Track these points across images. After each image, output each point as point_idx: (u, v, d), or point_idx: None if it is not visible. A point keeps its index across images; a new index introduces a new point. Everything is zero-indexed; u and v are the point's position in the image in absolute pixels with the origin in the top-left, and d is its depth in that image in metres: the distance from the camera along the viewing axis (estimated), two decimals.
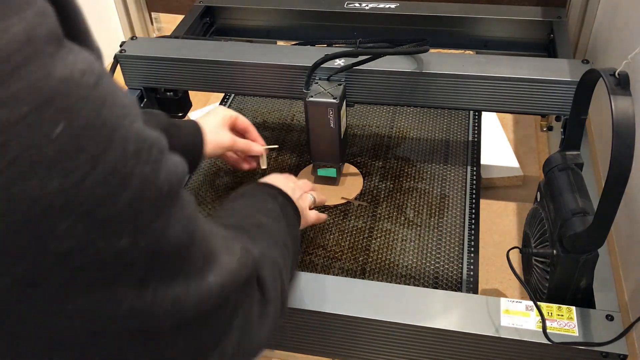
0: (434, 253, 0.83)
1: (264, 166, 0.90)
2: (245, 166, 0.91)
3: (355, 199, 0.93)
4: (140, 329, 0.34)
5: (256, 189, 0.69)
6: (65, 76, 0.28)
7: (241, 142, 0.87)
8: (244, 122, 0.88)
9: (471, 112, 1.09)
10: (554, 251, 0.67)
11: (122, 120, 0.31)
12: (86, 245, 0.29)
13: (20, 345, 0.31)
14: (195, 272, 0.37)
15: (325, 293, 0.69)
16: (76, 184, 0.28)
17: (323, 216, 0.83)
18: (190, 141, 0.82)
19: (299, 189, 0.78)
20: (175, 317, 0.36)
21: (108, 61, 1.05)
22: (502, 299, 0.66)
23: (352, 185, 0.96)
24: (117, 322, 0.33)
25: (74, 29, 0.31)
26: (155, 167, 0.32)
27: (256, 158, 0.90)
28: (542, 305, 0.65)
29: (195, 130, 0.82)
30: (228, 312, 0.42)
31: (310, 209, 0.80)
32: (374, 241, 0.86)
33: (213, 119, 0.85)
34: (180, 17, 1.20)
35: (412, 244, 0.85)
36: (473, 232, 0.86)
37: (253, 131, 0.90)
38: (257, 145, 0.89)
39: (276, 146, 0.96)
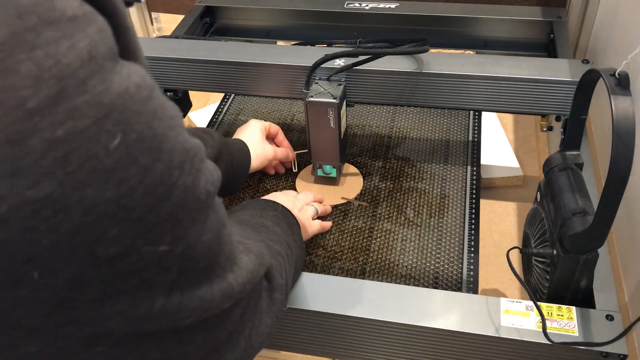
0: (434, 253, 0.83)
1: (295, 169, 0.98)
2: (273, 171, 0.98)
3: (355, 199, 0.93)
4: (168, 329, 0.36)
5: (257, 201, 0.72)
6: (123, 90, 0.29)
7: (281, 153, 0.94)
8: (275, 128, 0.95)
9: (471, 112, 1.09)
10: (554, 251, 0.67)
11: (170, 132, 0.32)
12: (131, 251, 0.31)
13: (59, 343, 0.32)
14: (220, 272, 0.39)
15: (325, 293, 0.69)
16: (128, 192, 0.29)
17: (327, 224, 0.86)
18: (240, 161, 0.86)
19: (299, 201, 0.81)
20: (199, 316, 0.37)
21: None
22: (502, 299, 0.66)
23: (352, 185, 0.96)
24: (149, 322, 0.34)
25: (126, 45, 0.33)
26: (196, 177, 0.34)
27: (286, 162, 0.99)
28: (542, 305, 0.65)
29: (243, 149, 0.87)
30: (243, 308, 0.44)
31: (313, 219, 0.82)
32: (374, 241, 0.86)
33: (254, 133, 0.91)
34: (180, 17, 1.20)
35: (412, 244, 0.85)
36: (473, 232, 0.86)
37: (281, 135, 0.96)
38: (291, 151, 0.97)
39: (305, 150, 0.98)
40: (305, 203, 0.84)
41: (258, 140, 0.90)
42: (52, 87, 0.26)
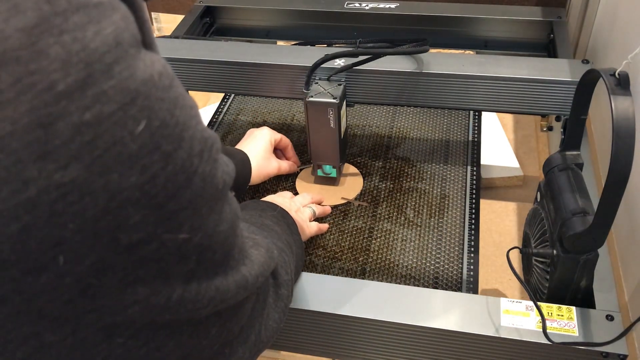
0: (434, 253, 0.83)
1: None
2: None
3: (355, 199, 0.93)
4: (185, 319, 0.36)
5: (255, 202, 0.72)
6: (147, 77, 0.30)
7: (284, 168, 0.92)
8: (285, 142, 0.94)
9: (471, 112, 1.09)
10: (554, 251, 0.67)
11: (190, 120, 0.32)
12: (152, 238, 0.31)
13: (80, 334, 0.32)
14: (234, 265, 0.39)
15: (325, 293, 0.69)
16: (151, 179, 0.29)
17: (324, 227, 0.86)
18: (239, 173, 0.83)
19: (295, 203, 0.81)
20: (215, 308, 0.37)
21: None
22: (502, 299, 0.66)
23: (352, 185, 0.96)
24: (168, 311, 0.34)
25: (145, 35, 0.33)
26: (214, 167, 0.34)
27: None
28: (542, 305, 0.65)
29: (244, 162, 0.85)
30: (253, 303, 0.45)
31: (310, 220, 0.82)
32: (374, 241, 0.86)
33: (261, 145, 0.88)
34: (180, 17, 1.20)
35: (412, 244, 0.85)
36: (473, 232, 0.86)
37: (291, 150, 0.95)
38: (294, 166, 0.96)
39: (310, 165, 0.96)
40: (303, 205, 0.84)
41: (262, 155, 0.88)
42: (80, 72, 0.27)
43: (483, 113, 1.11)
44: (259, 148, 0.88)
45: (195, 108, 0.34)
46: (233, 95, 1.19)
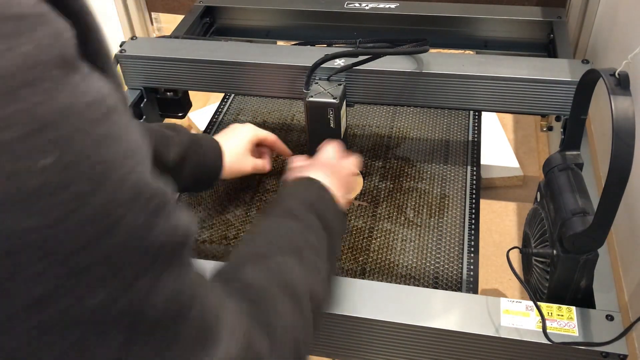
0: (434, 253, 0.83)
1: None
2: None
3: (356, 199, 0.93)
4: None
5: (301, 206, 0.60)
6: (67, 105, 0.26)
7: (260, 165, 0.88)
8: (271, 140, 0.89)
9: (471, 112, 1.09)
10: (554, 251, 0.67)
11: (123, 162, 0.28)
12: (58, 295, 0.26)
13: None
14: (184, 354, 0.33)
15: None
16: (56, 223, 0.25)
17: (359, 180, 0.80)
18: (209, 163, 0.81)
19: (346, 178, 0.71)
20: None
21: None
22: (502, 299, 0.66)
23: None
24: None
25: (94, 49, 0.30)
26: (150, 221, 0.29)
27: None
28: (542, 305, 0.65)
29: (216, 153, 0.82)
30: None
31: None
32: (374, 241, 0.86)
33: (238, 142, 0.85)
34: (180, 17, 1.20)
35: (412, 244, 0.85)
36: (473, 232, 0.86)
37: (280, 146, 0.91)
38: (269, 165, 0.90)
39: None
40: (353, 173, 0.75)
41: (238, 151, 0.84)
42: None
43: (483, 113, 1.11)
44: (236, 144, 0.84)
45: (139, 150, 0.30)
46: (233, 95, 1.19)
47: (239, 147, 0.84)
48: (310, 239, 0.56)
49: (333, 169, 0.70)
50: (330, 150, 0.75)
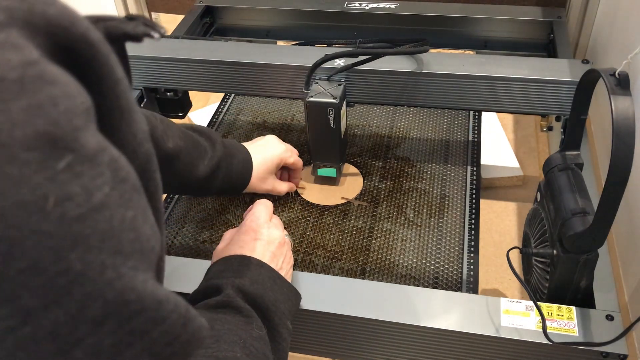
0: (434, 253, 0.83)
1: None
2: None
3: (355, 199, 0.93)
4: None
5: (236, 319, 0.53)
6: (25, 200, 0.21)
7: (278, 188, 0.87)
8: (297, 164, 0.88)
9: (471, 112, 1.09)
10: (554, 251, 0.67)
11: (101, 270, 0.23)
12: None
13: None
14: None
15: (325, 293, 0.69)
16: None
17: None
18: (237, 178, 0.80)
19: (280, 250, 0.64)
20: None
21: None
22: (502, 299, 0.66)
23: (352, 185, 0.96)
24: None
25: (110, 108, 0.26)
26: (130, 342, 0.25)
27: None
28: (542, 305, 0.65)
29: (247, 168, 0.80)
30: None
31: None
32: (374, 241, 0.86)
33: (268, 161, 0.83)
34: (180, 17, 1.20)
35: (412, 244, 0.85)
36: (473, 232, 0.86)
37: (299, 173, 0.91)
38: (289, 189, 0.90)
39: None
40: (285, 243, 0.67)
41: (265, 170, 0.83)
42: None
43: (483, 113, 1.11)
44: (266, 163, 0.83)
45: (142, 248, 0.25)
46: (233, 95, 1.19)
47: (266, 166, 0.83)
48: (254, 332, 0.52)
49: (263, 237, 0.64)
50: (255, 216, 0.67)
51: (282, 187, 0.88)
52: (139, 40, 0.31)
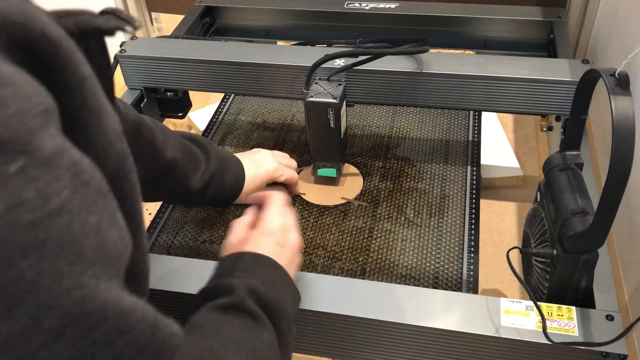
0: (434, 253, 0.83)
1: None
2: None
3: (355, 199, 0.93)
4: None
5: (248, 294, 0.52)
6: None
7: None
8: (289, 179, 0.84)
9: (471, 112, 1.09)
10: (554, 251, 0.67)
11: (58, 279, 0.22)
12: None
13: None
14: None
15: (325, 293, 0.69)
16: None
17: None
18: (229, 191, 0.77)
19: (295, 255, 0.64)
20: None
21: None
22: (502, 299, 0.66)
23: (352, 185, 0.96)
24: None
25: (76, 107, 0.26)
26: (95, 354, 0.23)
27: None
28: (542, 305, 0.65)
29: (239, 181, 0.77)
30: None
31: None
32: (374, 241, 0.86)
33: (259, 175, 0.79)
34: (180, 17, 1.20)
35: (412, 244, 0.85)
36: (473, 232, 0.86)
37: (293, 187, 0.87)
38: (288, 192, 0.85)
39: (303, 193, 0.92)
40: (295, 241, 0.65)
41: (256, 184, 0.79)
42: None
43: (483, 113, 1.11)
44: (257, 176, 0.79)
45: (99, 260, 0.24)
46: (233, 95, 1.19)
47: (256, 184, 0.79)
48: (264, 337, 0.50)
49: (282, 240, 0.62)
50: (275, 216, 0.65)
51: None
52: (112, 34, 0.30)
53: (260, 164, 0.81)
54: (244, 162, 0.80)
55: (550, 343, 0.61)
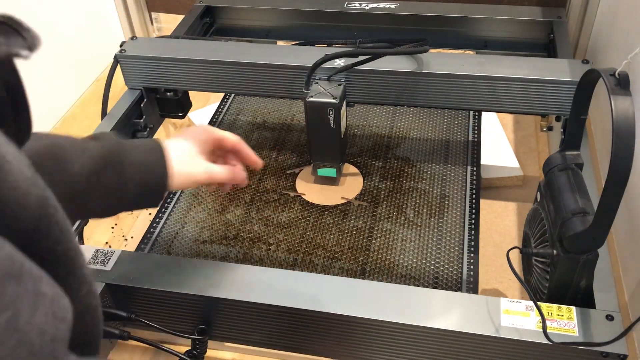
0: (434, 253, 0.83)
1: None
2: (229, 188, 0.72)
3: (355, 199, 0.93)
4: None
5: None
6: None
7: (219, 176, 0.66)
8: (232, 141, 0.68)
9: (471, 112, 1.09)
10: (554, 251, 0.67)
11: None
12: None
13: None
14: None
15: (325, 293, 0.69)
16: None
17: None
18: (145, 170, 0.61)
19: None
20: None
21: (108, 61, 1.05)
22: (502, 299, 0.66)
23: (352, 185, 0.96)
24: None
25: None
26: None
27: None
28: (542, 305, 0.65)
29: (157, 158, 0.61)
30: None
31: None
32: (374, 241, 0.86)
33: (185, 142, 0.66)
34: (180, 17, 1.20)
35: (412, 244, 0.85)
36: (473, 232, 0.86)
37: (244, 149, 0.70)
38: (241, 172, 0.69)
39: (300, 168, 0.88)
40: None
41: (186, 154, 0.65)
42: None
43: (483, 113, 1.11)
44: (184, 144, 0.65)
45: (40, 352, 0.22)
46: (233, 95, 1.19)
47: (187, 148, 0.65)
48: None
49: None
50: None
51: (220, 170, 0.66)
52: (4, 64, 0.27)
53: (187, 130, 0.68)
54: (167, 140, 0.66)
55: (550, 343, 0.61)
